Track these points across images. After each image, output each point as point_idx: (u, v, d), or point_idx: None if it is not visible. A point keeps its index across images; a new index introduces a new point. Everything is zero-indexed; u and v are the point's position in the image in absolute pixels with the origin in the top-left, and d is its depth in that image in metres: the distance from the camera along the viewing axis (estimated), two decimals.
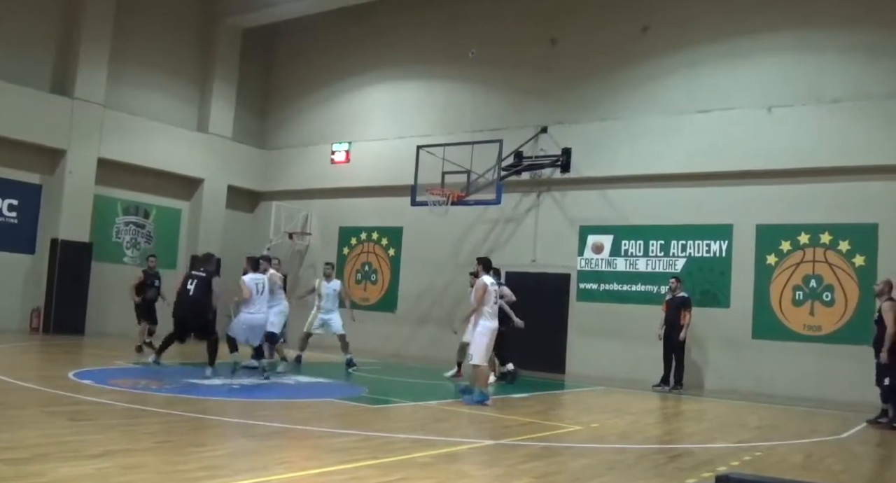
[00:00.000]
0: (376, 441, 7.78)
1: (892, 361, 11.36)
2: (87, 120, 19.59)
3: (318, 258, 22.64)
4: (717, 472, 6.57)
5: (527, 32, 19.64)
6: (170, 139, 21.66)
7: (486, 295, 10.97)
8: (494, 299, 11.17)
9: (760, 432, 10.40)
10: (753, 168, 16.29)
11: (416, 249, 20.58)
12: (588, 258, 18.20)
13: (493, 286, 11.12)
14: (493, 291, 11.12)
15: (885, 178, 15.20)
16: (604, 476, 6.68)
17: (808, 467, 7.80)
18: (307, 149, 23.30)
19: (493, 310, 11.13)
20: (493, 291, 11.09)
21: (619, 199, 17.93)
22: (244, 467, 6.02)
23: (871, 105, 15.34)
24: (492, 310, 11.11)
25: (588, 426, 9.75)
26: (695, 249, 17.00)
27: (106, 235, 20.63)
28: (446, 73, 20.98)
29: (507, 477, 6.38)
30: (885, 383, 11.39)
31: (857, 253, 15.35)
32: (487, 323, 11.00)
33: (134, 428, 7.52)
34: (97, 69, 19.87)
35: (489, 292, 11.00)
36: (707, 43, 17.35)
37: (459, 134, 19.18)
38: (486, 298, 10.98)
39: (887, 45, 15.46)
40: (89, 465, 5.73)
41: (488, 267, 11.59)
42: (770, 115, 16.27)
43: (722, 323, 16.34)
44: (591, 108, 18.50)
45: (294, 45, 24.32)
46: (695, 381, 16.25)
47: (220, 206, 22.84)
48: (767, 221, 16.23)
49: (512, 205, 19.00)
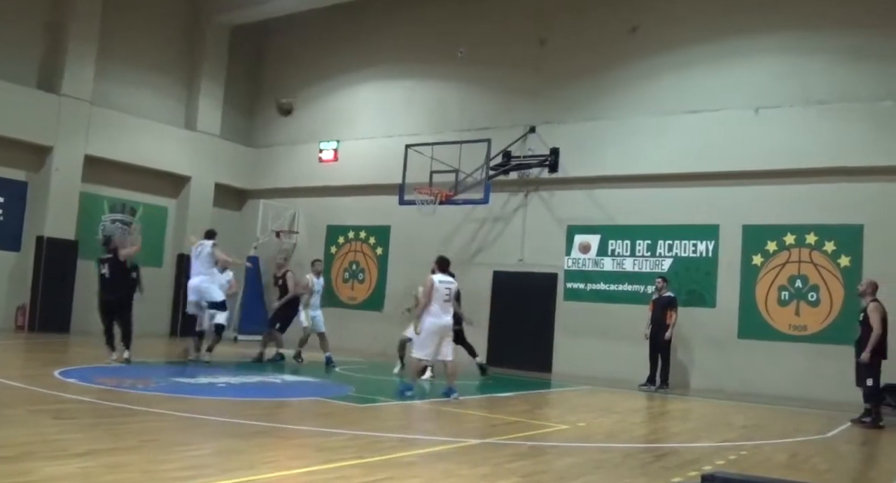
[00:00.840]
0: (362, 440, 7.77)
1: (873, 362, 11.43)
2: (73, 117, 19.50)
3: (305, 257, 22.53)
4: (702, 471, 6.60)
5: (516, 32, 19.66)
6: (157, 136, 21.57)
7: (434, 292, 11.28)
8: (444, 297, 11.35)
9: (746, 432, 10.44)
10: (740, 169, 16.36)
11: (404, 248, 20.57)
12: (575, 258, 18.24)
13: (441, 284, 11.38)
14: (442, 289, 11.35)
15: (871, 180, 15.28)
16: (590, 475, 6.70)
17: (793, 466, 7.83)
18: (295, 147, 23.25)
19: (441, 307, 11.32)
20: (440, 288, 11.33)
21: (607, 199, 17.96)
22: (230, 466, 6.01)
23: (858, 107, 15.43)
24: (439, 307, 11.30)
25: (575, 425, 9.77)
26: (681, 249, 17.05)
27: (92, 233, 20.50)
28: (435, 72, 20.98)
29: (493, 476, 6.38)
30: (868, 384, 11.43)
31: (842, 254, 15.43)
32: (433, 319, 11.27)
33: (119, 426, 7.49)
34: (84, 66, 19.79)
35: (436, 289, 11.30)
36: (695, 44, 17.41)
37: (448, 133, 19.20)
38: (433, 295, 11.28)
39: (874, 47, 15.55)
40: (74, 464, 5.70)
41: (442, 266, 11.81)
42: (757, 117, 16.34)
43: (708, 323, 16.40)
44: (579, 108, 18.53)
45: (282, 43, 24.26)
46: (681, 380, 16.31)
47: (207, 204, 22.76)
48: (754, 222, 16.30)
49: (500, 204, 19.01)
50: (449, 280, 11.58)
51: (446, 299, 11.36)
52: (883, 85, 15.34)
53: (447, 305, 11.39)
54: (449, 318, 11.42)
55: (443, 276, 11.58)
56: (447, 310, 11.39)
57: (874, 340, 11.33)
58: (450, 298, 11.43)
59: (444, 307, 11.34)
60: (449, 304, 11.44)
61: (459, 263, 19.30)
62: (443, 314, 11.32)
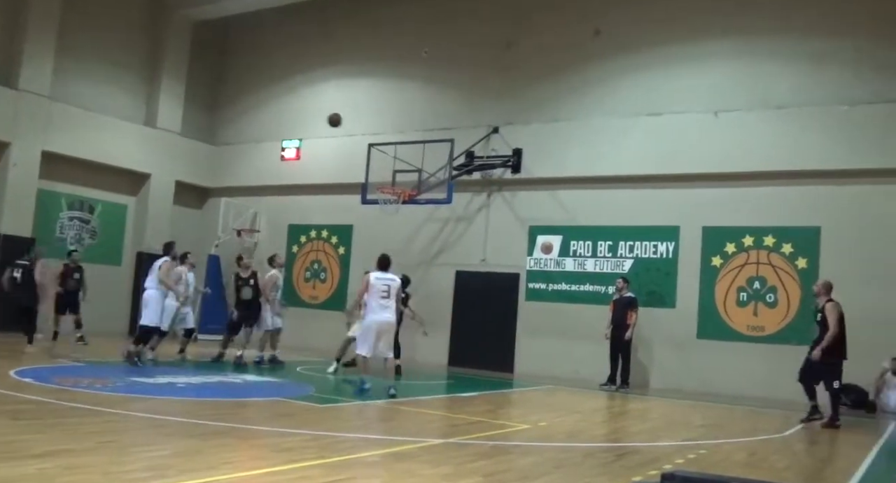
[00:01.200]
0: (324, 440, 7.74)
1: (830, 361, 11.48)
2: (31, 112, 19.15)
3: (266, 256, 22.37)
4: (662, 469, 6.66)
5: (480, 33, 19.69)
6: (117, 133, 21.27)
7: (371, 288, 11.40)
8: (382, 293, 11.41)
9: (705, 431, 10.56)
10: (700, 171, 16.54)
11: (367, 248, 20.42)
12: (537, 258, 18.31)
13: (379, 281, 11.47)
14: (379, 285, 11.43)
15: (828, 183, 15.54)
16: (551, 474, 6.73)
17: (752, 465, 7.94)
18: (257, 145, 23.09)
19: (378, 304, 11.39)
20: (377, 285, 11.42)
21: (569, 200, 18.06)
22: (190, 467, 5.95)
23: (815, 111, 15.68)
24: (377, 303, 11.38)
25: (536, 425, 9.81)
26: (642, 250, 17.20)
27: (49, 231, 20.18)
28: (399, 71, 20.96)
29: (455, 475, 6.39)
30: (835, 386, 11.44)
31: (799, 255, 15.66)
32: (372, 316, 11.40)
33: (77, 427, 7.39)
34: (43, 60, 19.45)
35: (373, 285, 11.41)
36: (657, 48, 17.56)
37: (411, 133, 19.19)
38: (371, 292, 11.38)
39: (831, 53, 15.81)
40: (31, 466, 5.62)
41: (381, 264, 11.82)
42: (717, 120, 16.53)
43: (668, 323, 16.56)
44: (542, 108, 18.61)
45: (245, 40, 24.07)
46: (641, 380, 16.45)
47: (167, 202, 22.52)
48: (713, 224, 16.49)
49: (463, 204, 19.04)
50: (388, 277, 11.62)
51: (384, 296, 11.41)
52: (840, 89, 15.59)
53: (386, 302, 11.43)
54: (388, 315, 11.46)
55: (381, 273, 11.64)
56: (385, 307, 11.43)
57: (829, 339, 11.36)
58: (388, 295, 11.46)
59: (381, 304, 11.40)
60: (388, 300, 11.47)
61: (422, 263, 19.40)
62: (381, 311, 11.39)
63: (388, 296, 11.46)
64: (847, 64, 15.65)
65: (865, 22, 15.59)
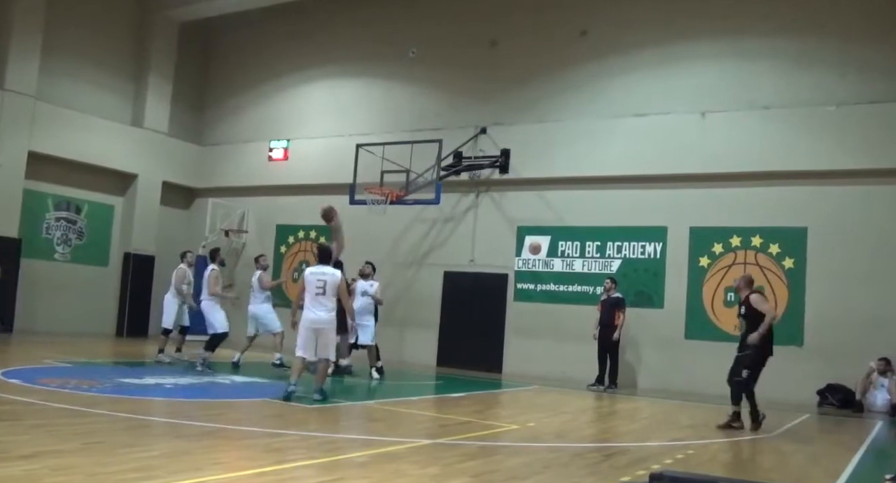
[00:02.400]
0: (313, 441, 7.73)
1: (749, 350, 10.57)
2: (17, 112, 19.03)
3: (253, 256, 22.34)
4: (651, 469, 6.68)
5: (467, 33, 19.70)
6: (103, 133, 21.18)
7: (305, 284, 10.66)
8: (316, 290, 10.56)
9: (693, 431, 10.58)
10: (687, 172, 16.60)
11: (355, 248, 20.39)
12: (525, 258, 18.33)
13: (312, 275, 10.67)
14: (313, 280, 10.60)
15: (814, 183, 15.61)
16: (540, 474, 6.73)
17: (739, 465, 7.97)
18: (245, 145, 23.03)
19: (312, 301, 10.57)
20: (311, 280, 10.61)
21: (557, 201, 18.09)
22: (178, 468, 5.92)
23: (801, 112, 15.75)
24: (310, 300, 10.58)
25: (524, 425, 9.81)
26: (630, 251, 17.24)
27: (36, 231, 20.09)
28: (386, 72, 20.94)
29: (444, 476, 6.39)
30: (742, 375, 10.41)
31: (786, 256, 15.72)
32: (305, 313, 10.59)
33: (63, 428, 7.35)
34: (29, 60, 19.33)
35: (306, 281, 10.64)
36: (644, 48, 17.61)
37: (399, 133, 19.18)
38: (305, 287, 10.67)
39: (817, 53, 15.90)
40: (17, 467, 5.58)
41: (319, 256, 11.03)
42: (704, 120, 16.59)
43: (655, 323, 16.61)
44: (529, 109, 18.63)
45: (232, 40, 24.01)
46: (629, 380, 16.49)
47: (154, 203, 22.43)
48: (700, 224, 16.54)
49: (451, 205, 19.05)
50: (322, 271, 10.68)
51: (318, 293, 10.53)
52: (826, 90, 15.67)
53: (319, 299, 10.53)
54: (322, 313, 10.53)
55: (316, 267, 10.76)
56: (320, 304, 10.53)
57: (769, 320, 10.38)
58: (323, 292, 10.52)
59: (314, 301, 10.55)
60: (323, 297, 10.53)
61: (411, 264, 19.42)
62: (314, 308, 10.55)
63: (323, 292, 10.54)
64: (833, 65, 15.73)
65: (851, 23, 15.67)
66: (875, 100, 15.17)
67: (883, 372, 14.21)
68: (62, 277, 20.46)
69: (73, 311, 20.43)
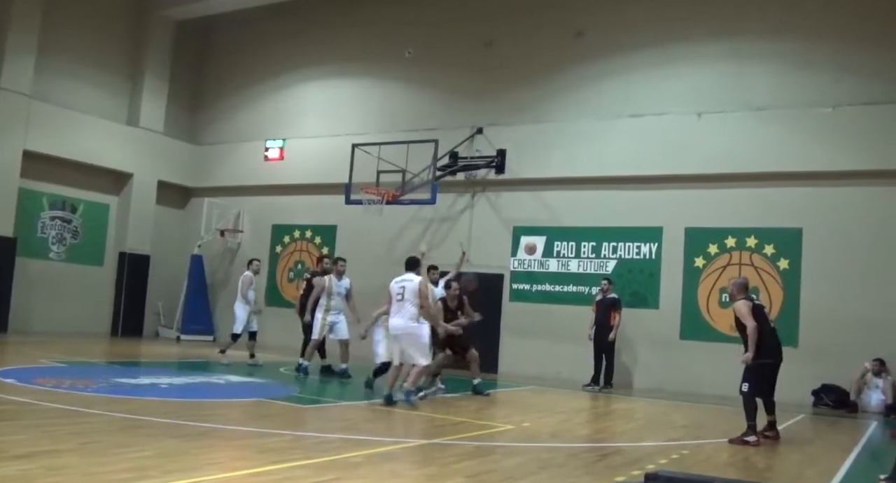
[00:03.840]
0: (308, 441, 7.73)
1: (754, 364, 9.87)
2: (12, 111, 18.98)
3: (249, 256, 22.35)
4: (646, 469, 6.70)
5: (463, 34, 19.71)
6: (99, 132, 21.14)
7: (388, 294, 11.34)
8: (396, 297, 11.14)
9: (688, 431, 10.61)
10: (683, 172, 16.61)
11: (350, 248, 20.43)
12: (521, 259, 18.34)
13: (395, 283, 11.28)
14: (394, 289, 11.24)
15: (810, 184, 15.63)
16: (536, 475, 6.74)
17: (734, 465, 7.98)
18: (240, 145, 23.00)
19: (392, 308, 11.20)
20: (393, 287, 11.28)
21: (553, 201, 18.10)
22: (173, 468, 5.92)
23: (797, 113, 15.77)
24: (392, 308, 11.21)
25: (520, 425, 9.82)
26: (625, 251, 17.25)
27: (31, 230, 20.05)
28: (383, 72, 20.94)
29: (439, 476, 6.39)
30: (744, 389, 9.81)
31: (781, 256, 15.75)
32: (389, 320, 11.33)
33: (59, 428, 7.35)
34: (24, 59, 19.28)
35: (389, 290, 11.34)
36: (640, 49, 17.62)
37: (395, 133, 19.16)
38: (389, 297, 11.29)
39: (812, 54, 15.92)
40: (12, 467, 5.58)
41: (407, 266, 11.66)
42: (700, 121, 16.60)
43: (651, 324, 16.62)
44: (525, 110, 18.64)
45: (228, 40, 23.99)
46: (624, 380, 16.50)
47: (149, 202, 22.40)
48: (696, 225, 16.56)
49: (447, 205, 19.04)
50: (405, 278, 11.23)
51: (398, 299, 11.05)
52: (822, 91, 15.69)
53: (399, 305, 11.03)
54: (399, 320, 10.99)
55: (401, 276, 11.32)
56: (399, 311, 11.02)
57: (751, 335, 9.68)
58: (402, 297, 11.03)
59: (394, 308, 11.08)
60: (402, 303, 11.01)
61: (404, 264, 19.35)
62: (394, 315, 11.09)
63: (402, 298, 11.04)
64: (828, 66, 15.76)
65: (847, 25, 15.69)
66: (870, 101, 15.19)
67: (877, 372, 14.24)
68: (57, 277, 20.43)
69: (68, 310, 20.39)
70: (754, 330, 9.69)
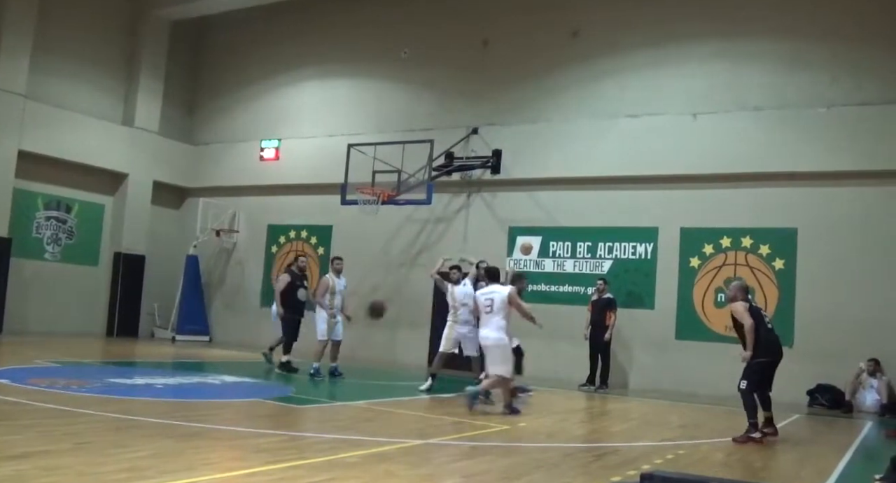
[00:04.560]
0: (303, 441, 7.72)
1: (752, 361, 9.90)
2: (7, 111, 18.93)
3: (245, 256, 22.39)
4: (641, 469, 6.69)
5: (459, 34, 19.70)
6: (94, 132, 21.10)
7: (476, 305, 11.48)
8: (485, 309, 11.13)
9: (683, 431, 10.61)
10: (678, 172, 16.63)
11: (346, 248, 20.38)
12: (517, 259, 18.33)
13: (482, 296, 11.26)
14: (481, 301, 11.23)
15: (805, 184, 15.66)
16: (531, 474, 6.74)
17: (729, 465, 7.98)
18: (236, 145, 22.98)
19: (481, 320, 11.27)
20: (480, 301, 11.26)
21: (548, 201, 18.11)
22: (168, 468, 5.91)
23: (791, 113, 15.80)
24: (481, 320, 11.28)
25: (516, 425, 9.82)
26: (621, 251, 17.26)
27: (26, 231, 20.01)
28: (378, 72, 20.93)
29: (435, 476, 6.39)
30: (742, 387, 9.79)
31: (777, 256, 15.77)
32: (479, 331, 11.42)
33: (53, 428, 7.33)
34: (19, 58, 19.23)
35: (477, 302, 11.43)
36: (635, 49, 17.63)
37: (390, 133, 19.17)
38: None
39: (806, 55, 15.95)
40: (7, 467, 5.56)
41: (490, 277, 11.83)
42: (695, 122, 16.63)
43: (646, 324, 16.63)
44: (521, 110, 18.65)
45: (224, 40, 23.96)
46: (620, 380, 16.51)
47: (145, 202, 22.37)
48: (691, 225, 16.58)
49: (442, 205, 19.05)
50: (492, 290, 11.20)
51: (487, 311, 11.01)
52: (817, 92, 15.73)
53: (487, 317, 11.02)
54: (488, 331, 10.96)
55: (487, 288, 11.35)
56: (487, 322, 11.00)
57: (748, 332, 9.72)
58: (490, 309, 10.98)
59: (483, 319, 11.13)
60: (490, 315, 10.99)
61: (402, 264, 19.41)
62: (482, 326, 11.12)
63: (491, 310, 10.93)
64: (823, 66, 15.79)
65: (841, 25, 15.72)
66: (865, 101, 15.23)
67: (872, 372, 14.27)
68: (52, 277, 20.40)
69: (63, 310, 20.37)
70: (752, 328, 9.74)
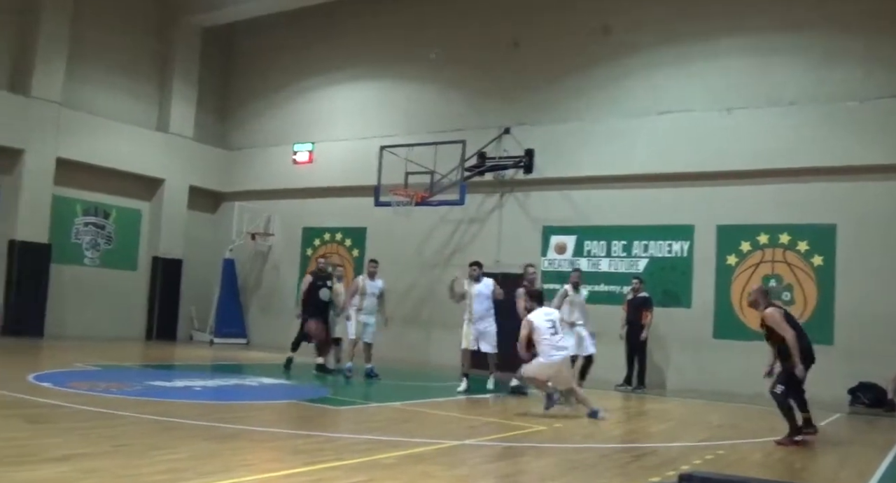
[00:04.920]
0: (340, 442, 7.74)
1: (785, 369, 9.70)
2: (44, 119, 19.25)
3: (280, 259, 22.53)
4: (680, 470, 6.63)
5: (489, 34, 19.68)
6: (129, 139, 21.37)
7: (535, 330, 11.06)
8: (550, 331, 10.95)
9: (722, 431, 10.51)
10: (713, 169, 16.47)
11: (380, 250, 20.42)
12: (551, 258, 18.27)
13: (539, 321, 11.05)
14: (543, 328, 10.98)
15: (842, 180, 15.44)
16: (567, 476, 6.71)
17: (768, 465, 7.90)
18: (269, 149, 23.14)
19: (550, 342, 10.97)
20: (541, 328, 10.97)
21: (582, 200, 18.02)
22: (206, 470, 5.96)
23: (827, 107, 15.59)
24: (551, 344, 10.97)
25: (551, 426, 9.77)
26: (657, 250, 17.14)
27: (65, 236, 20.31)
28: (409, 73, 20.97)
29: (471, 477, 6.38)
30: (776, 391, 9.58)
31: (815, 253, 15.56)
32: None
33: (93, 431, 7.41)
34: (54, 67, 19.55)
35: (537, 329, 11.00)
36: (666, 46, 17.50)
37: (422, 134, 19.18)
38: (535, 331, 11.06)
39: (841, 48, 15.72)
40: (48, 469, 5.63)
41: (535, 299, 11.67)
42: (729, 117, 16.46)
43: (683, 323, 16.48)
44: (552, 109, 18.58)
45: (254, 45, 24.13)
46: (657, 380, 16.39)
47: (181, 207, 22.60)
48: (727, 222, 16.41)
49: (475, 205, 19.02)
50: (548, 312, 11.28)
51: (552, 333, 10.93)
52: (851, 86, 15.50)
53: (558, 338, 11.05)
54: (563, 351, 11.09)
55: (540, 311, 11.22)
56: (560, 340, 11.07)
57: (793, 345, 9.39)
58: (555, 331, 10.99)
59: (556, 339, 11.02)
60: (557, 336, 11.04)
61: (436, 265, 19.42)
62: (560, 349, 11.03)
63: (556, 331, 10.97)
64: (857, 60, 15.56)
65: (875, 18, 15.48)
66: None
67: None
68: (91, 282, 20.67)
69: (102, 315, 20.64)
70: (794, 338, 9.43)
